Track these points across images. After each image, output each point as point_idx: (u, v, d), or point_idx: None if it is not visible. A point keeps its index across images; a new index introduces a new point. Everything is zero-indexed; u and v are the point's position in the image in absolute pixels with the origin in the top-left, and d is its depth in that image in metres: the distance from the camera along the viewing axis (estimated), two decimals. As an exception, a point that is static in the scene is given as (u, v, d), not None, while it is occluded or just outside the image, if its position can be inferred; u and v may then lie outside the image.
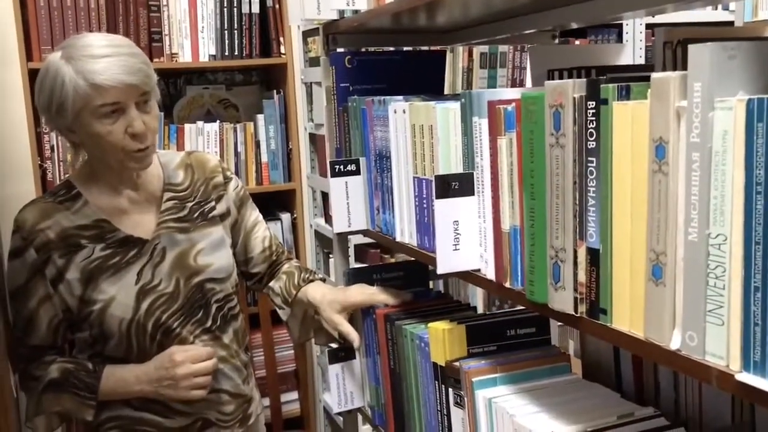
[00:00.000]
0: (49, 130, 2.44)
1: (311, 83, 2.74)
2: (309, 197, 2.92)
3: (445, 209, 1.16)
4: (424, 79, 1.70)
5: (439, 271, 1.19)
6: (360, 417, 1.91)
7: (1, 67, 2.69)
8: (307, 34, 2.74)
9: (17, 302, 1.48)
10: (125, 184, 1.52)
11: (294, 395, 3.00)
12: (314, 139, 2.83)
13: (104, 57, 1.36)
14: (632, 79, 0.86)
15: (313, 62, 2.74)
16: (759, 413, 1.09)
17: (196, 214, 1.58)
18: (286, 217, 2.91)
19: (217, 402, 1.59)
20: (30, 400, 1.50)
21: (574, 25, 1.67)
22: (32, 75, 2.52)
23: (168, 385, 1.49)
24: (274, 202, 2.97)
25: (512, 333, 1.37)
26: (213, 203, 1.62)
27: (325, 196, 2.86)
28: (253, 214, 1.72)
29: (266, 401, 2.74)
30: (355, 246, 2.57)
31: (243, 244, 1.69)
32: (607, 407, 1.13)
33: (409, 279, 1.72)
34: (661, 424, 1.07)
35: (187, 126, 2.78)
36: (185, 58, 2.75)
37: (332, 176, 1.57)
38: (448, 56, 2.62)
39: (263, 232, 1.72)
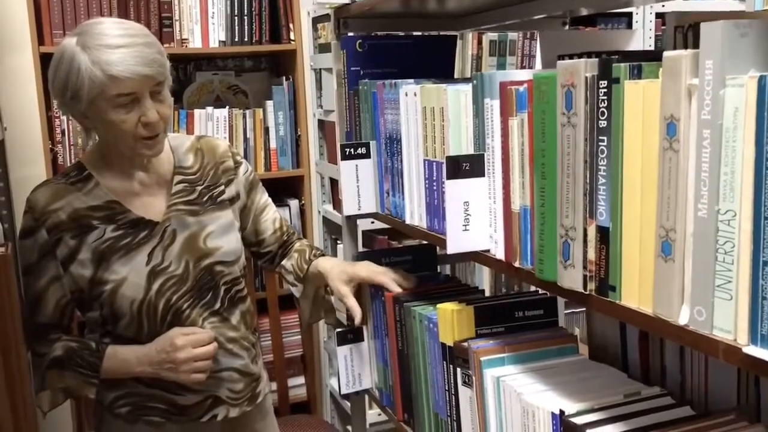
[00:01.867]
0: (61, 113, 2.43)
1: (320, 69, 2.75)
2: (317, 183, 2.93)
3: (455, 190, 1.17)
4: (434, 64, 1.71)
5: (449, 251, 1.20)
6: (366, 400, 1.93)
7: (13, 52, 2.71)
8: (316, 21, 2.75)
9: (27, 281, 1.50)
10: (136, 167, 1.53)
11: (300, 380, 3.02)
12: (323, 126, 2.84)
13: (120, 47, 1.37)
14: (644, 59, 0.87)
15: (322, 48, 2.75)
16: (764, 395, 1.10)
17: (205, 198, 1.60)
18: (294, 203, 2.92)
19: (228, 380, 1.61)
20: (35, 376, 1.52)
21: (584, 12, 1.67)
22: (43, 59, 2.53)
23: (168, 369, 1.50)
24: (283, 188, 2.98)
25: (520, 315, 1.38)
26: (222, 187, 1.63)
27: (333, 182, 2.87)
28: (263, 197, 1.73)
29: (273, 386, 2.75)
30: (363, 232, 2.58)
31: (253, 227, 1.71)
32: (614, 386, 1.15)
33: (417, 263, 1.74)
34: (667, 402, 1.08)
35: (197, 111, 2.79)
36: (195, 43, 2.76)
37: (342, 159, 1.58)
38: (458, 43, 2.62)
39: (273, 215, 1.74)
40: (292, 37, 2.82)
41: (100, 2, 2.62)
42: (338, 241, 2.88)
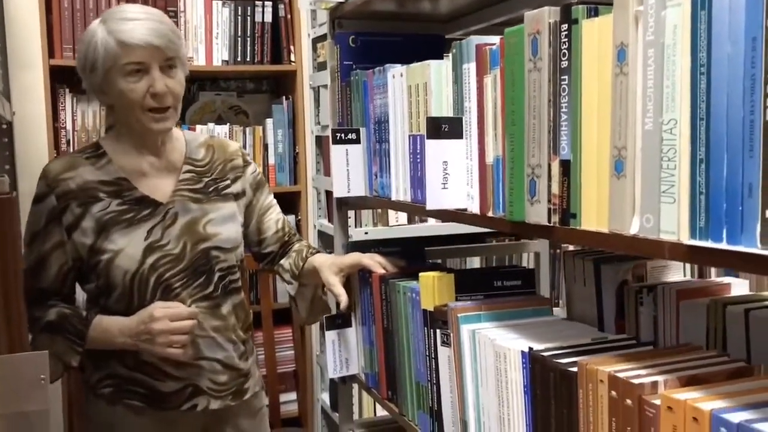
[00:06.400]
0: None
1: (318, 87, 2.86)
2: (314, 199, 3.01)
3: (435, 150, 1.25)
4: (423, 60, 1.81)
5: (429, 207, 1.27)
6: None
7: (25, 66, 2.81)
8: (316, 41, 2.87)
9: (32, 245, 1.57)
10: (148, 148, 1.62)
11: (292, 395, 3.04)
12: (320, 142, 2.93)
13: (134, 20, 1.51)
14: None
15: (320, 67, 2.86)
16: (731, 345, 1.14)
17: (210, 189, 1.68)
18: (290, 218, 3.00)
19: (209, 370, 1.63)
20: (30, 340, 1.57)
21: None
22: (53, 72, 2.65)
23: (145, 340, 1.53)
24: (280, 204, 3.05)
25: (499, 284, 1.45)
26: (228, 182, 1.71)
27: (329, 196, 2.95)
28: (268, 198, 1.81)
29: (265, 400, 2.78)
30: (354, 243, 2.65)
31: (257, 225, 1.78)
32: (585, 335, 1.21)
33: (406, 255, 1.80)
34: (632, 343, 1.14)
35: (198, 127, 2.89)
36: (199, 62, 2.88)
37: (333, 143, 1.66)
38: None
39: (276, 215, 1.82)
40: (292, 58, 2.94)
41: (109, 19, 2.75)
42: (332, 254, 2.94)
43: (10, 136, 1.95)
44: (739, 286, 1.34)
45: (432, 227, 2.65)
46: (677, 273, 1.47)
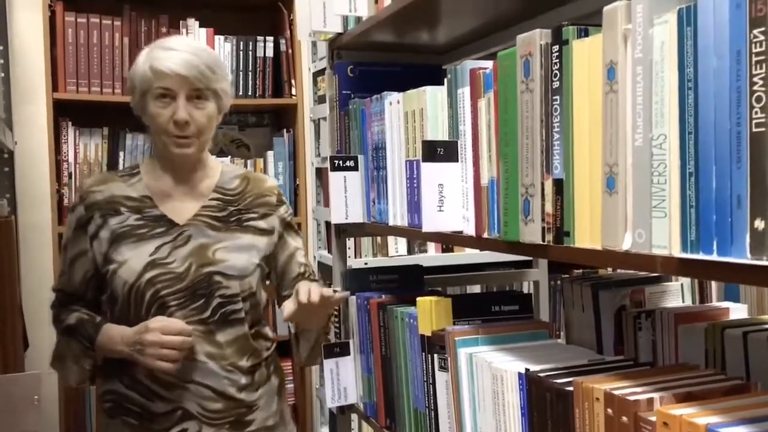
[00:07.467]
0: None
1: (319, 120, 2.89)
2: (314, 230, 3.02)
3: (430, 172, 1.26)
4: (420, 89, 1.83)
5: (425, 230, 1.28)
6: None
7: (29, 99, 2.85)
8: (316, 75, 2.90)
9: (65, 251, 1.67)
10: (176, 172, 1.66)
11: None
12: (320, 174, 2.95)
13: (171, 50, 1.58)
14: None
15: (321, 100, 2.89)
16: (729, 368, 1.14)
17: (232, 218, 1.68)
18: (291, 250, 3.00)
19: (197, 395, 1.60)
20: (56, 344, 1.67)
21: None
22: (57, 105, 2.69)
23: (138, 350, 1.54)
24: (280, 236, 3.07)
25: (497, 309, 1.44)
26: (255, 215, 1.71)
27: (329, 228, 2.96)
28: (297, 239, 1.80)
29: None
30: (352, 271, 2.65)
31: (283, 265, 1.76)
32: (582, 357, 1.20)
33: (405, 282, 1.80)
34: (629, 364, 1.13)
35: (199, 159, 2.91)
36: (201, 95, 2.91)
37: (332, 170, 1.68)
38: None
39: (302, 259, 1.79)
40: (293, 92, 2.98)
41: (113, 54, 2.79)
42: (332, 286, 2.93)
43: (11, 166, 1.97)
44: (738, 311, 1.33)
45: (431, 257, 2.65)
46: (676, 298, 1.47)
